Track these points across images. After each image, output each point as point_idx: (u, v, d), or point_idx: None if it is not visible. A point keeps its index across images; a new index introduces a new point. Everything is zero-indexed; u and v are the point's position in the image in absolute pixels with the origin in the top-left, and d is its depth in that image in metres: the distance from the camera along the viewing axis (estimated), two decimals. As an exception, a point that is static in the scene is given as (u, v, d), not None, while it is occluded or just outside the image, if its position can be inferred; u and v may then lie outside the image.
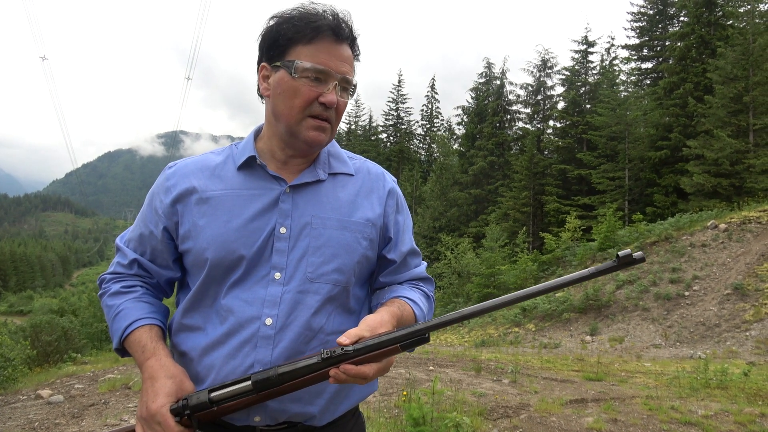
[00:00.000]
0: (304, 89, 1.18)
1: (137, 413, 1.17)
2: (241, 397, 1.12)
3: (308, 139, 1.22)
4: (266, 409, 1.19)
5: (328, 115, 1.21)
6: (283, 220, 1.23)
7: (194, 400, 1.12)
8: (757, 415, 5.53)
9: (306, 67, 1.17)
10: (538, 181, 36.59)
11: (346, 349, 1.08)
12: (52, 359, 13.93)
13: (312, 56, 1.17)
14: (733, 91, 24.88)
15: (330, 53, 1.18)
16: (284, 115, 1.21)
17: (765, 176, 22.59)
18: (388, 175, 1.41)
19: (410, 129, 61.76)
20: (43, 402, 6.51)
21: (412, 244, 1.39)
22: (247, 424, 1.20)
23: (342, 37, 1.20)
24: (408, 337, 1.11)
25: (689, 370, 8.74)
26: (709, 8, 31.62)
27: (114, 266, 1.34)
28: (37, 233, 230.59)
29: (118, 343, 1.24)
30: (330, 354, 1.08)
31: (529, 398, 6.41)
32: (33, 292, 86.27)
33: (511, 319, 19.08)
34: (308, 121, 1.20)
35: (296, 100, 1.19)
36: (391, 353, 1.10)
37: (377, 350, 1.10)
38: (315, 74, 1.18)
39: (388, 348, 1.10)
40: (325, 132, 1.23)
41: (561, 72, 41.84)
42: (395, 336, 1.10)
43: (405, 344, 1.11)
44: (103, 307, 1.31)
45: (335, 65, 1.19)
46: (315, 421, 1.23)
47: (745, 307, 13.68)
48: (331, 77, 1.18)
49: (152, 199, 1.32)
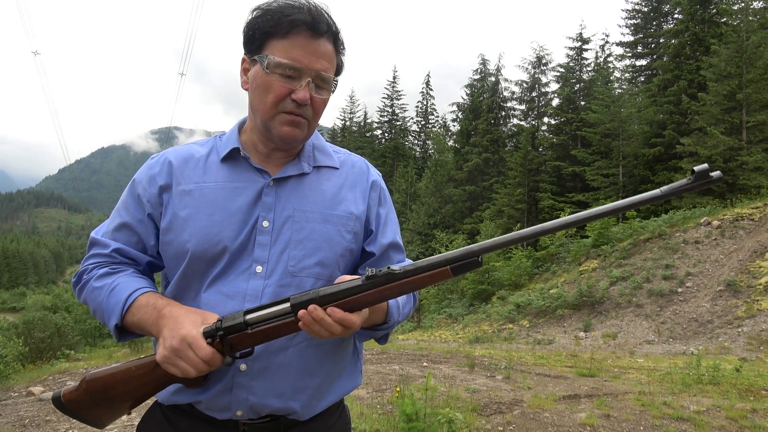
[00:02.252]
0: (276, 85, 1.16)
1: (159, 354, 1.08)
2: (278, 320, 1.07)
3: (281, 135, 1.20)
4: (248, 403, 1.17)
5: (302, 111, 1.19)
6: (266, 214, 1.22)
7: (228, 322, 1.07)
8: (749, 411, 5.57)
9: (278, 63, 1.15)
10: (533, 178, 36.63)
11: (392, 268, 1.04)
12: (45, 356, 13.84)
13: (285, 51, 1.15)
14: (726, 89, 24.95)
15: (304, 49, 1.16)
16: (259, 110, 1.21)
17: (758, 173, 22.70)
18: (372, 168, 1.40)
19: (405, 125, 61.68)
20: (34, 399, 6.48)
21: (394, 238, 1.37)
22: (229, 418, 1.19)
23: (319, 32, 1.17)
24: (460, 259, 1.04)
25: (682, 366, 8.79)
26: (703, 6, 31.69)
27: (92, 258, 1.26)
28: (30, 230, 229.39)
29: (119, 317, 1.15)
30: (375, 273, 1.04)
31: (522, 394, 6.42)
32: (26, 288, 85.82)
33: (505, 315, 19.13)
34: (281, 117, 1.19)
35: (269, 96, 1.17)
36: (440, 276, 1.05)
37: (427, 272, 1.05)
38: (287, 70, 1.16)
39: (438, 270, 1.04)
40: (299, 127, 1.21)
41: (556, 69, 41.86)
42: (446, 257, 1.05)
43: (456, 267, 1.04)
44: (88, 295, 1.22)
45: (309, 61, 1.16)
46: (297, 416, 1.23)
47: (737, 304, 13.75)
48: (303, 74, 1.16)
49: (134, 188, 1.28)
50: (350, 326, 1.07)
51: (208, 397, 1.18)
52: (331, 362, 1.26)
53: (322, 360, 1.24)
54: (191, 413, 1.22)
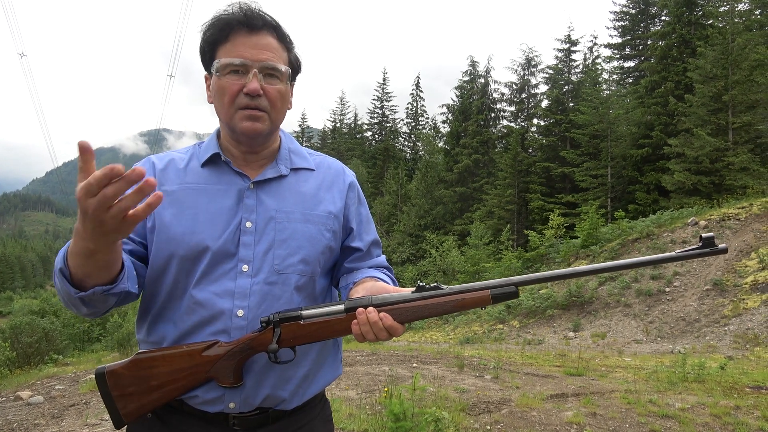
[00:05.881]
0: (228, 84, 1.22)
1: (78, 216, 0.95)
2: (329, 316, 1.17)
3: (243, 130, 1.24)
4: (241, 394, 1.23)
5: (257, 103, 1.23)
6: (249, 215, 1.27)
7: (285, 312, 1.18)
8: (732, 408, 5.65)
9: (225, 63, 1.21)
10: (523, 179, 36.84)
11: (440, 286, 1.16)
12: (33, 361, 13.70)
13: (229, 52, 1.22)
14: (712, 90, 25.24)
15: (245, 45, 1.22)
16: (221, 114, 1.27)
17: (744, 174, 22.98)
18: (348, 170, 1.47)
19: (395, 127, 61.78)
20: (22, 403, 6.44)
21: (375, 235, 1.47)
22: (221, 411, 1.23)
23: (255, 26, 1.23)
24: (499, 285, 1.16)
25: (668, 364, 8.88)
26: (690, 8, 32.08)
27: None
28: (17, 233, 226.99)
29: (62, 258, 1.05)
30: (423, 286, 1.15)
31: (510, 393, 6.47)
32: (13, 293, 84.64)
33: (496, 316, 19.20)
34: (239, 114, 1.24)
35: (225, 97, 1.23)
36: (481, 300, 1.15)
37: (469, 291, 1.16)
38: (234, 68, 1.21)
39: (480, 293, 1.15)
40: (259, 120, 1.25)
41: (545, 70, 42.23)
42: (488, 284, 1.16)
43: (496, 293, 1.16)
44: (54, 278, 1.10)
45: (251, 54, 1.22)
46: (285, 405, 1.28)
47: (724, 303, 13.91)
48: (249, 67, 1.22)
49: None
50: (394, 334, 1.15)
51: (204, 391, 1.23)
52: (316, 352, 1.33)
53: (307, 351, 1.30)
54: (181, 409, 1.26)
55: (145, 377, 1.19)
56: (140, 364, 1.20)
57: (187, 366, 1.18)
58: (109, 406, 1.20)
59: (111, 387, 1.19)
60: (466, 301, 1.16)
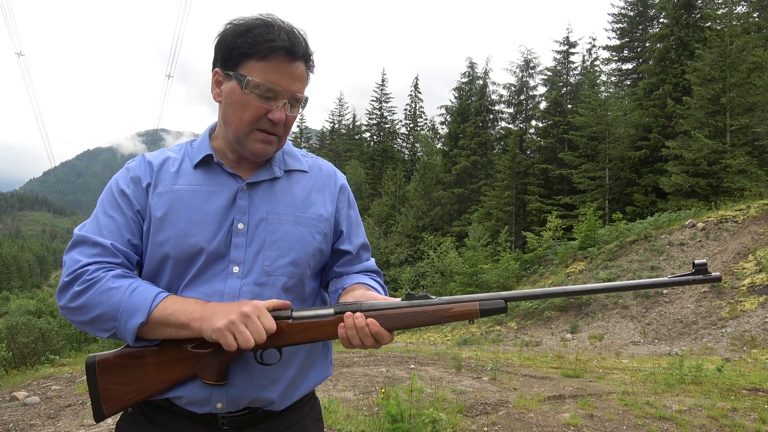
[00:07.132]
0: (254, 105, 1.20)
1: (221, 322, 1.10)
2: (318, 318, 1.18)
3: (255, 151, 1.25)
4: (227, 395, 1.22)
5: (276, 130, 1.24)
6: (241, 216, 1.26)
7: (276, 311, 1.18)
8: (729, 410, 5.65)
9: (257, 84, 1.19)
10: (521, 181, 36.85)
11: (429, 296, 1.17)
12: (29, 361, 13.66)
13: (264, 74, 1.19)
14: (710, 93, 25.28)
15: (281, 72, 1.20)
16: (233, 125, 1.24)
17: (741, 176, 23.02)
18: (339, 173, 1.47)
19: (394, 128, 61.80)
20: (18, 403, 6.41)
21: (364, 238, 1.47)
22: (209, 411, 1.23)
23: (296, 56, 1.21)
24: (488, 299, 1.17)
25: (665, 366, 8.88)
26: (688, 10, 32.14)
27: (88, 257, 1.18)
28: (14, 233, 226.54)
29: (146, 313, 1.13)
30: (413, 295, 1.17)
31: (507, 395, 6.47)
32: (9, 293, 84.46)
33: (493, 317, 19.20)
34: (256, 134, 1.24)
35: (245, 114, 1.21)
36: (469, 312, 1.16)
37: (458, 302, 1.17)
38: (265, 92, 1.20)
39: (468, 304, 1.17)
40: (271, 145, 1.26)
41: (543, 72, 42.21)
42: (477, 297, 1.17)
43: (484, 307, 1.17)
44: (97, 296, 1.13)
45: (286, 84, 1.21)
46: (274, 406, 1.28)
47: (721, 305, 13.93)
48: (280, 95, 1.21)
49: (116, 187, 1.27)
50: (381, 341, 1.15)
51: (190, 392, 1.21)
52: (304, 354, 1.32)
53: (296, 353, 1.30)
54: (169, 409, 1.25)
55: (134, 364, 1.20)
56: (130, 351, 1.20)
57: (174, 359, 1.19)
58: (93, 395, 1.20)
59: (99, 372, 1.20)
60: (455, 312, 1.16)
